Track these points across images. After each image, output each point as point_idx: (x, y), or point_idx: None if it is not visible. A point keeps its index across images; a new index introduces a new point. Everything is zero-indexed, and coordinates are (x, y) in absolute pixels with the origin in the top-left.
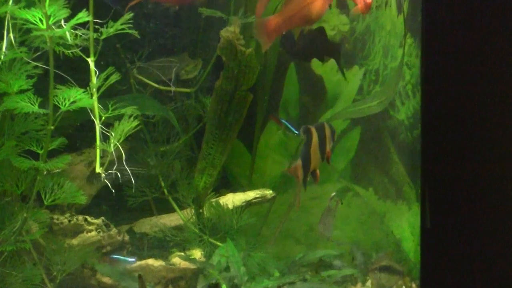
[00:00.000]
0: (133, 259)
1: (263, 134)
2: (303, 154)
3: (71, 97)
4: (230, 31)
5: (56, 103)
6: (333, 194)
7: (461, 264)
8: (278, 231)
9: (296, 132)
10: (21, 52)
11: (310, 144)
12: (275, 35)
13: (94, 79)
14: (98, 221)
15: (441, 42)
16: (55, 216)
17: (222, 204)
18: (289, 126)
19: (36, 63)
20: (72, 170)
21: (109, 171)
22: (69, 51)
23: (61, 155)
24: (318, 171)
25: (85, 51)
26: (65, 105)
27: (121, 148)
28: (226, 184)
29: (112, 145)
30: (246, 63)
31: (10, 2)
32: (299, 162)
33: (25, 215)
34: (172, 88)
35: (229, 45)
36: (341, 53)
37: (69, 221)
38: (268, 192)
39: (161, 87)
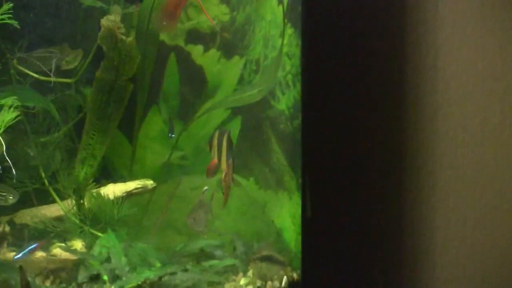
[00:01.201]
0: (35, 244)
1: (143, 125)
2: (231, 154)
3: None
4: (110, 20)
5: None
6: (206, 188)
7: (342, 253)
8: (159, 221)
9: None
10: None
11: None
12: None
13: None
14: None
15: (320, 32)
16: None
17: (103, 194)
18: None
19: None
20: None
21: None
22: None
23: None
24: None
25: None
26: None
27: (1, 139)
28: (107, 175)
29: None
30: (126, 52)
31: None
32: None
33: None
34: (52, 79)
35: (110, 34)
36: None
37: None
38: (149, 183)
39: (42, 78)
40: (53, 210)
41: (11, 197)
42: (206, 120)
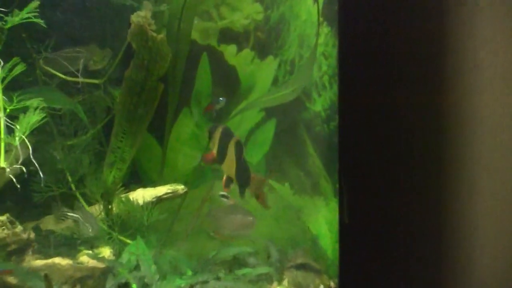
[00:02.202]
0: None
1: (174, 127)
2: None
3: None
4: (141, 16)
5: None
6: (222, 193)
7: (380, 261)
8: (190, 227)
9: (223, 99)
10: None
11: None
12: None
13: None
14: (3, 218)
15: (357, 31)
16: None
17: (132, 199)
18: (217, 100)
19: None
20: None
21: (14, 166)
22: None
23: None
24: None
25: None
26: None
27: (27, 142)
28: (136, 179)
29: (17, 138)
30: (157, 50)
31: None
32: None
33: None
34: (80, 79)
35: (140, 30)
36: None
37: None
38: (180, 187)
39: (69, 78)
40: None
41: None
42: (239, 122)
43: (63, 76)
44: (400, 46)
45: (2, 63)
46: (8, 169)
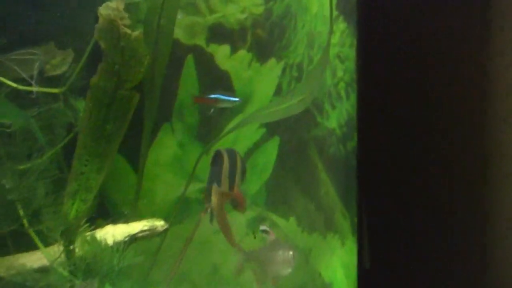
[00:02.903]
0: None
1: (152, 148)
2: (214, 177)
3: None
4: (111, 8)
5: None
6: (264, 227)
7: None
8: (172, 274)
9: (237, 99)
10: None
11: (221, 168)
12: None
13: None
14: None
15: (380, 28)
16: None
17: (99, 238)
18: (225, 97)
19: None
20: None
21: None
22: None
23: None
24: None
25: None
26: None
27: None
28: (105, 213)
29: None
30: (131, 51)
31: None
32: (215, 185)
33: None
34: (35, 88)
35: (110, 26)
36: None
37: None
38: (159, 224)
39: (20, 87)
40: (35, 258)
41: None
42: (233, 141)
43: (13, 84)
44: (432, 46)
45: None
46: None
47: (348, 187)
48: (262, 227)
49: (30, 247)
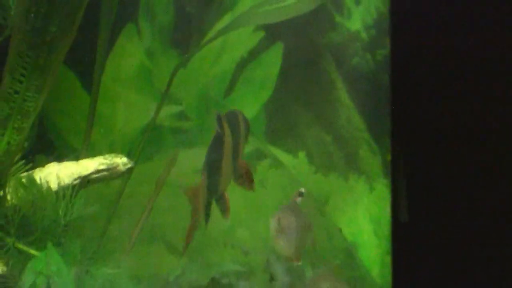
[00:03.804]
0: None
1: (110, 58)
2: (212, 162)
3: None
4: None
5: None
6: (302, 190)
7: (455, 280)
8: (137, 230)
9: None
10: None
11: (222, 144)
12: None
13: None
14: None
15: None
16: None
17: (39, 181)
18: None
19: None
20: None
21: None
22: None
23: None
24: (227, 196)
25: None
26: None
27: None
28: (47, 147)
29: None
30: None
31: None
32: (202, 179)
33: None
34: None
35: None
36: None
37: None
38: (120, 161)
39: None
40: None
41: None
42: (220, 49)
43: None
44: None
45: None
46: None
47: (379, 111)
48: (301, 189)
49: None
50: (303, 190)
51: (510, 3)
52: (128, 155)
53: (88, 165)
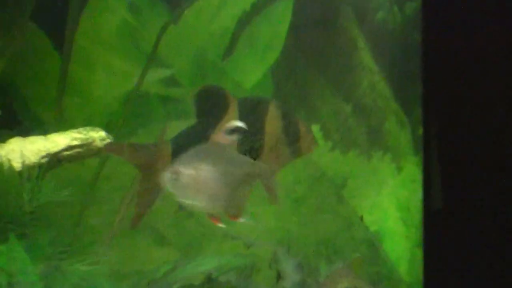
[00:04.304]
0: None
1: (85, 14)
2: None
3: None
4: None
5: None
6: (237, 123)
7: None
8: (119, 218)
9: None
10: None
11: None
12: None
13: None
14: None
15: None
16: None
17: (0, 160)
18: None
19: None
20: None
21: None
22: None
23: None
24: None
25: None
26: None
27: None
28: (10, 120)
29: None
30: None
31: None
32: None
33: None
34: None
35: None
36: None
37: None
38: (98, 135)
39: None
40: None
41: None
42: (218, 3)
43: None
44: None
45: None
46: None
47: (408, 76)
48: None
49: None
50: (238, 124)
51: None
52: (107, 129)
53: (59, 141)
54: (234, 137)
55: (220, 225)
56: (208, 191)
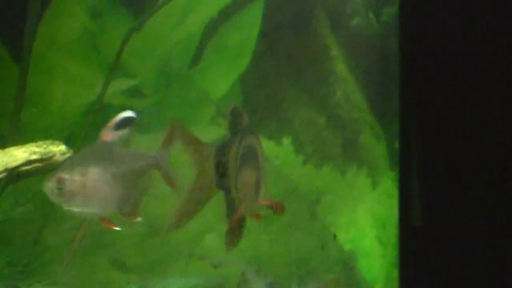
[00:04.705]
0: None
1: (45, 20)
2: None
3: None
4: None
5: None
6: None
7: None
8: (79, 237)
9: None
10: None
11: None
12: None
13: None
14: None
15: None
16: None
17: None
18: None
19: None
20: None
21: None
22: None
23: None
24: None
25: None
26: None
27: None
28: None
29: None
30: None
31: None
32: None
33: None
34: None
35: None
36: None
37: None
38: (58, 149)
39: None
40: None
41: None
42: (184, 9)
43: None
44: None
45: None
46: None
47: (385, 86)
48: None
49: None
50: (125, 114)
51: None
52: (67, 142)
53: (17, 155)
54: (123, 132)
55: (116, 228)
56: (98, 195)
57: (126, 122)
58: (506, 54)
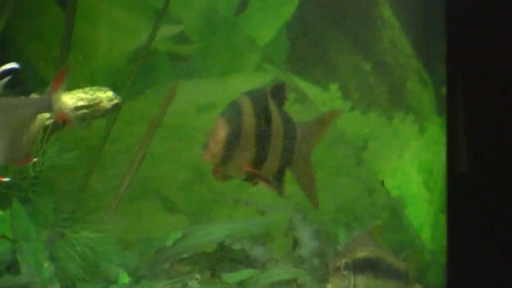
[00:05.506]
0: None
1: None
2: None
3: None
4: None
5: None
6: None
7: None
8: (126, 183)
9: None
10: None
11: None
12: None
13: None
14: None
15: None
16: None
17: None
18: None
19: None
20: None
21: None
22: None
23: None
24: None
25: None
26: None
27: None
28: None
29: None
30: None
31: None
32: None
33: None
34: None
35: None
36: None
37: None
38: (105, 95)
39: None
40: None
41: None
42: None
43: None
44: None
45: None
46: None
47: (432, 31)
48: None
49: None
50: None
51: None
52: (114, 88)
53: (64, 101)
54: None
55: (4, 179)
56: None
57: (8, 73)
58: None
